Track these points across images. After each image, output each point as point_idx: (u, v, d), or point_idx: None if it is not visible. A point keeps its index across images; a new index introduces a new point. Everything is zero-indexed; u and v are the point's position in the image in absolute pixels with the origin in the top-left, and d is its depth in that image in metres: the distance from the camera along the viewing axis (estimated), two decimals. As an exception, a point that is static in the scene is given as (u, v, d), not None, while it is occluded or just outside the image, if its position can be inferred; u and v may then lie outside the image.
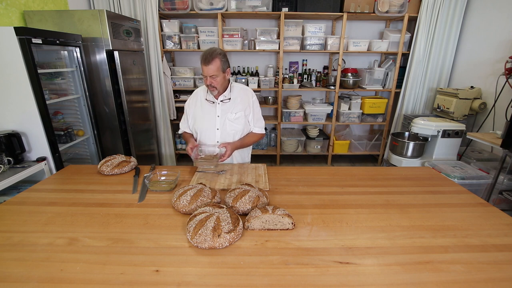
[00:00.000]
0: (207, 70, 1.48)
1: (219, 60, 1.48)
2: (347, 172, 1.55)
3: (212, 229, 0.91)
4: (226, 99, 1.65)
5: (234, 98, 1.66)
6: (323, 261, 0.86)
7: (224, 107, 1.65)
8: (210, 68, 1.47)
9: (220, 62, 1.49)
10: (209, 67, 1.47)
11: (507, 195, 2.08)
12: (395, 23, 3.56)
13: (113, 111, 2.55)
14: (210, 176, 1.48)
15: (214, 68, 1.48)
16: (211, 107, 1.66)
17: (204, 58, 1.47)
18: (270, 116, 3.91)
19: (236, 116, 1.66)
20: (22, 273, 0.81)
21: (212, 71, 1.48)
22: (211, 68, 1.47)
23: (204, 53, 1.48)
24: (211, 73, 1.48)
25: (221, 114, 1.65)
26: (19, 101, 1.87)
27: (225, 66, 1.54)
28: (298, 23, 3.20)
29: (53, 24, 2.31)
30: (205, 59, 1.46)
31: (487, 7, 2.85)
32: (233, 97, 1.66)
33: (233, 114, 1.66)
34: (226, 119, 1.65)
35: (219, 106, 1.65)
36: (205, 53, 1.47)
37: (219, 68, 1.50)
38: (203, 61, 1.47)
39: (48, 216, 1.10)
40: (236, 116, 1.66)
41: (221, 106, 1.65)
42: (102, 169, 1.49)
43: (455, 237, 0.99)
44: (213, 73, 1.49)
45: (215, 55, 1.47)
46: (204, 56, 1.47)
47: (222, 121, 1.66)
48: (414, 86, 3.35)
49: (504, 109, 2.49)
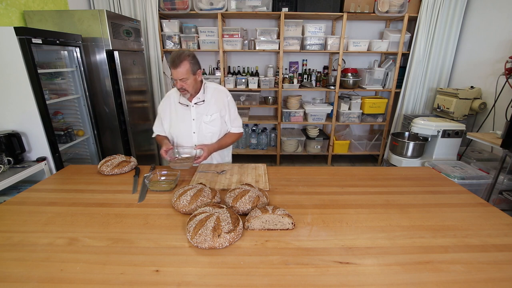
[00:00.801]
0: (176, 73, 1.43)
1: (188, 62, 1.43)
2: (347, 172, 1.55)
3: (212, 229, 0.91)
4: (200, 102, 1.60)
5: (208, 100, 1.62)
6: (323, 261, 0.86)
7: (199, 110, 1.61)
8: (179, 71, 1.42)
9: (190, 64, 1.44)
10: (178, 70, 1.42)
11: (507, 195, 2.08)
12: (395, 23, 3.56)
13: (113, 111, 2.55)
14: (210, 176, 1.48)
15: (184, 71, 1.43)
16: (186, 110, 1.62)
17: (172, 61, 1.42)
18: (270, 116, 3.92)
19: (212, 118, 1.63)
20: (22, 273, 0.81)
21: (181, 74, 1.43)
22: (180, 71, 1.42)
23: (172, 56, 1.42)
24: (180, 76, 1.44)
25: (196, 117, 1.62)
26: (19, 101, 1.87)
27: (195, 68, 1.49)
28: (298, 23, 3.20)
29: (53, 24, 2.31)
30: (173, 62, 1.41)
31: (487, 7, 2.85)
32: (207, 99, 1.62)
33: (209, 116, 1.62)
34: (202, 121, 1.62)
35: (193, 109, 1.61)
36: (173, 56, 1.42)
37: (189, 71, 1.45)
38: (171, 65, 1.42)
39: (48, 216, 1.10)
40: (212, 118, 1.63)
41: (195, 109, 1.61)
42: (102, 169, 1.49)
43: (455, 237, 0.99)
44: (183, 76, 1.44)
45: (183, 58, 1.42)
46: (172, 59, 1.42)
47: (198, 124, 1.63)
48: (414, 86, 3.35)
49: (504, 109, 2.49)
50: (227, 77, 3.38)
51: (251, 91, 3.48)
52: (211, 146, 1.60)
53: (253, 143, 3.76)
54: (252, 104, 3.54)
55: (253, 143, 3.76)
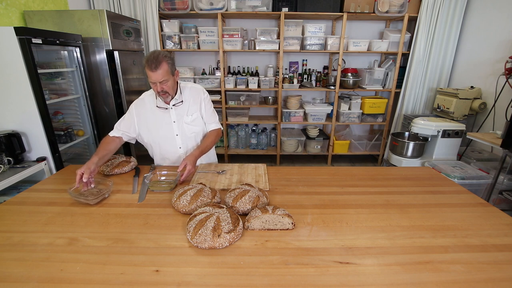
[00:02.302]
0: (155, 76, 1.36)
1: (167, 63, 1.37)
2: (347, 172, 1.55)
3: (212, 229, 0.91)
4: (178, 103, 1.55)
5: (186, 100, 1.58)
6: (323, 261, 0.86)
7: (178, 111, 1.57)
8: (159, 74, 1.35)
9: (168, 65, 1.38)
10: (157, 73, 1.35)
11: (507, 195, 2.08)
12: (395, 23, 3.55)
13: (113, 111, 2.55)
14: (210, 176, 1.48)
15: (163, 72, 1.36)
16: (165, 114, 1.56)
17: (150, 64, 1.33)
18: (270, 116, 3.92)
19: (193, 117, 1.59)
20: (22, 273, 0.81)
21: (162, 76, 1.37)
22: (160, 73, 1.36)
23: (149, 59, 1.34)
24: (161, 78, 1.37)
25: (177, 119, 1.57)
26: (19, 101, 1.87)
27: (173, 69, 1.44)
28: (298, 23, 3.20)
29: (53, 24, 2.31)
30: (152, 65, 1.33)
31: (487, 7, 2.85)
32: (185, 99, 1.57)
33: (189, 116, 1.59)
34: (183, 122, 1.58)
35: (172, 111, 1.56)
36: (150, 58, 1.34)
37: (168, 72, 1.39)
38: (149, 67, 1.34)
39: (48, 216, 1.10)
40: (193, 117, 1.59)
41: (174, 111, 1.56)
42: (102, 169, 1.49)
43: (455, 237, 0.99)
44: (164, 78, 1.38)
45: (161, 59, 1.35)
46: (149, 61, 1.34)
47: (180, 125, 1.58)
48: (414, 86, 3.35)
49: (504, 109, 2.48)
50: (227, 77, 3.38)
51: (251, 91, 3.48)
52: (192, 155, 1.46)
53: (253, 143, 3.76)
54: (252, 104, 3.54)
55: (253, 143, 3.76)
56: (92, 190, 1.25)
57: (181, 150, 1.63)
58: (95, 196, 1.19)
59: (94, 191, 1.24)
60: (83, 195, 1.21)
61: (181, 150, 1.63)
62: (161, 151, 1.64)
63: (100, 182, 1.31)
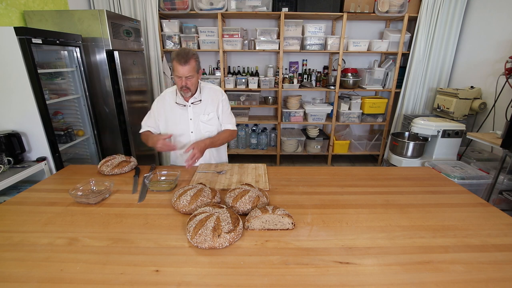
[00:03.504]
0: (183, 70, 1.44)
1: (195, 60, 1.46)
2: (347, 172, 1.55)
3: (212, 229, 0.91)
4: (197, 101, 1.62)
5: (204, 100, 1.64)
6: (323, 261, 0.86)
7: (196, 109, 1.63)
8: (186, 69, 1.43)
9: (195, 63, 1.47)
10: (185, 68, 1.43)
11: (507, 195, 2.08)
12: (395, 23, 3.55)
13: (113, 111, 2.55)
14: (210, 176, 1.48)
15: (190, 68, 1.45)
16: (183, 111, 1.63)
17: (180, 58, 1.42)
18: (270, 116, 3.92)
19: (209, 117, 1.65)
20: (22, 273, 0.81)
21: (188, 72, 1.45)
22: (187, 69, 1.44)
23: (179, 53, 1.43)
24: (187, 73, 1.45)
25: (194, 117, 1.64)
26: (19, 101, 1.87)
27: (199, 67, 1.52)
28: (298, 23, 3.20)
29: (53, 24, 2.31)
30: (181, 59, 1.42)
31: (487, 7, 2.85)
32: (204, 99, 1.64)
33: (206, 115, 1.64)
34: (200, 121, 1.64)
35: (190, 108, 1.62)
36: (181, 53, 1.43)
37: (195, 69, 1.47)
38: (179, 62, 1.42)
39: (48, 216, 1.10)
40: (209, 117, 1.65)
41: (192, 109, 1.63)
42: (102, 169, 1.49)
43: (455, 237, 0.99)
44: (190, 74, 1.46)
45: (191, 55, 1.44)
46: (180, 56, 1.42)
47: (196, 123, 1.64)
48: (414, 86, 3.35)
49: (504, 109, 2.49)
50: (227, 77, 3.38)
51: (251, 91, 3.48)
52: (202, 142, 1.53)
53: (253, 143, 3.76)
54: (252, 104, 3.54)
55: (253, 143, 3.76)
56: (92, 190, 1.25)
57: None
58: (95, 196, 1.19)
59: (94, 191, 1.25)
60: (84, 195, 1.21)
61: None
62: None
63: (100, 182, 1.31)
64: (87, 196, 1.21)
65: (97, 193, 1.23)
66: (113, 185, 1.29)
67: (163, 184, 1.35)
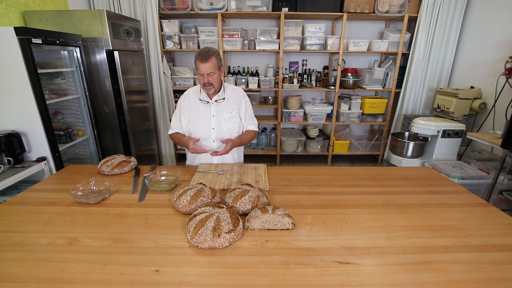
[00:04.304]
0: (204, 67, 1.49)
1: (215, 58, 1.52)
2: (347, 172, 1.55)
3: (212, 229, 0.91)
4: (220, 99, 1.67)
5: (228, 98, 1.69)
6: (323, 261, 0.86)
7: (219, 107, 1.67)
8: (207, 66, 1.49)
9: (216, 60, 1.52)
10: (206, 65, 1.49)
11: (507, 195, 2.08)
12: (395, 23, 3.55)
13: (113, 111, 2.55)
14: (210, 176, 1.48)
15: (212, 65, 1.50)
16: (206, 107, 1.67)
17: (201, 56, 1.48)
18: (270, 116, 3.91)
19: (231, 115, 1.69)
20: (22, 273, 0.81)
21: (209, 69, 1.50)
22: (208, 66, 1.49)
23: (201, 51, 1.50)
24: (208, 70, 1.50)
25: (216, 114, 1.67)
26: (19, 101, 1.87)
27: (220, 65, 1.57)
28: (298, 23, 3.20)
29: (53, 24, 2.31)
30: (203, 57, 1.48)
31: (487, 7, 2.84)
32: (227, 97, 1.69)
33: (228, 113, 1.68)
34: (222, 118, 1.68)
35: (213, 106, 1.67)
36: (202, 51, 1.49)
37: (216, 66, 1.52)
38: (200, 59, 1.48)
39: (48, 216, 1.10)
40: (231, 115, 1.69)
41: (215, 106, 1.67)
42: (102, 169, 1.49)
43: (455, 237, 0.99)
44: (211, 70, 1.51)
45: (212, 53, 1.50)
46: (201, 54, 1.49)
47: (218, 120, 1.68)
48: (414, 86, 3.35)
49: (504, 109, 2.48)
50: (227, 77, 3.38)
51: (251, 91, 3.48)
52: (234, 141, 1.62)
53: (253, 143, 3.76)
54: (252, 104, 3.52)
55: (253, 143, 3.76)
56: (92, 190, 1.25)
57: (215, 144, 1.71)
58: (95, 196, 1.19)
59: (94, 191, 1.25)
60: (84, 195, 1.21)
61: (214, 143, 1.70)
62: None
63: (100, 182, 1.31)
64: (87, 196, 1.21)
65: (97, 193, 1.23)
66: (113, 185, 1.30)
67: (163, 184, 1.35)
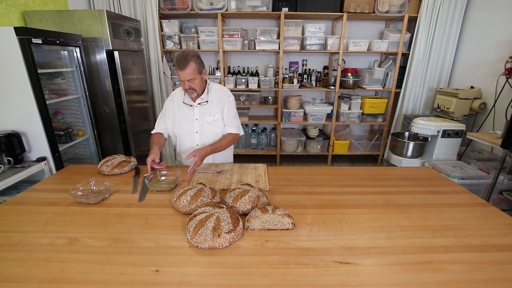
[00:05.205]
0: (183, 75, 1.44)
1: (194, 62, 1.44)
2: (347, 172, 1.55)
3: (212, 229, 0.91)
4: (203, 102, 1.63)
5: (211, 100, 1.64)
6: (323, 261, 0.86)
7: (202, 110, 1.64)
8: (186, 73, 1.43)
9: (196, 65, 1.45)
10: (185, 72, 1.43)
11: (507, 195, 2.08)
12: (395, 23, 3.55)
13: (113, 111, 2.55)
14: (210, 176, 1.48)
15: (191, 71, 1.44)
16: (189, 110, 1.64)
17: (179, 63, 1.42)
18: (270, 116, 3.91)
19: (214, 118, 1.64)
20: (22, 273, 0.81)
21: (189, 75, 1.44)
22: (187, 72, 1.43)
23: (178, 58, 1.43)
24: (188, 77, 1.45)
25: (199, 117, 1.64)
26: (19, 101, 1.87)
27: (201, 68, 1.51)
28: (298, 23, 3.20)
29: (53, 24, 2.31)
30: (180, 64, 1.42)
31: (487, 7, 2.84)
32: (210, 99, 1.64)
33: (211, 116, 1.64)
34: (204, 122, 1.64)
35: (196, 109, 1.63)
36: (179, 58, 1.42)
37: (196, 71, 1.46)
38: (178, 66, 1.43)
39: (48, 216, 1.10)
40: (214, 118, 1.64)
41: (198, 109, 1.63)
42: (102, 169, 1.49)
43: (455, 237, 0.99)
44: (191, 77, 1.45)
45: (189, 58, 1.43)
46: (178, 61, 1.42)
47: (201, 124, 1.64)
48: (414, 86, 3.35)
49: (504, 109, 2.48)
50: (227, 77, 3.38)
51: (251, 91, 3.48)
52: (203, 149, 1.52)
53: (253, 143, 3.76)
54: (252, 104, 3.54)
55: (253, 143, 3.76)
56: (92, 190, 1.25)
57: (198, 147, 1.67)
58: (95, 196, 1.19)
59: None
60: (84, 195, 1.21)
61: (198, 147, 1.67)
62: (179, 145, 1.73)
63: (100, 182, 1.31)
64: (87, 196, 1.21)
65: (97, 193, 1.23)
66: (113, 185, 1.30)
67: (163, 184, 1.35)
